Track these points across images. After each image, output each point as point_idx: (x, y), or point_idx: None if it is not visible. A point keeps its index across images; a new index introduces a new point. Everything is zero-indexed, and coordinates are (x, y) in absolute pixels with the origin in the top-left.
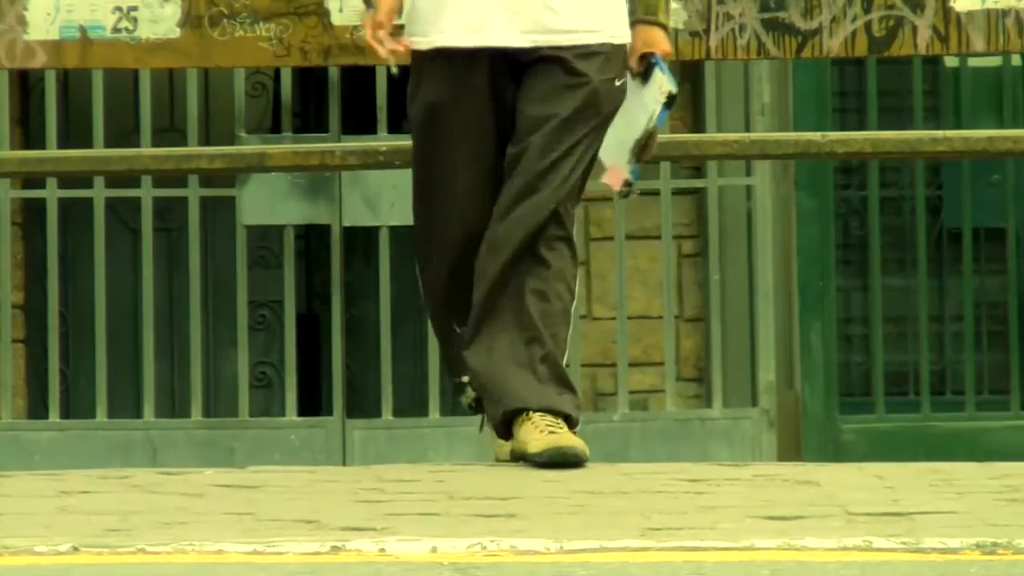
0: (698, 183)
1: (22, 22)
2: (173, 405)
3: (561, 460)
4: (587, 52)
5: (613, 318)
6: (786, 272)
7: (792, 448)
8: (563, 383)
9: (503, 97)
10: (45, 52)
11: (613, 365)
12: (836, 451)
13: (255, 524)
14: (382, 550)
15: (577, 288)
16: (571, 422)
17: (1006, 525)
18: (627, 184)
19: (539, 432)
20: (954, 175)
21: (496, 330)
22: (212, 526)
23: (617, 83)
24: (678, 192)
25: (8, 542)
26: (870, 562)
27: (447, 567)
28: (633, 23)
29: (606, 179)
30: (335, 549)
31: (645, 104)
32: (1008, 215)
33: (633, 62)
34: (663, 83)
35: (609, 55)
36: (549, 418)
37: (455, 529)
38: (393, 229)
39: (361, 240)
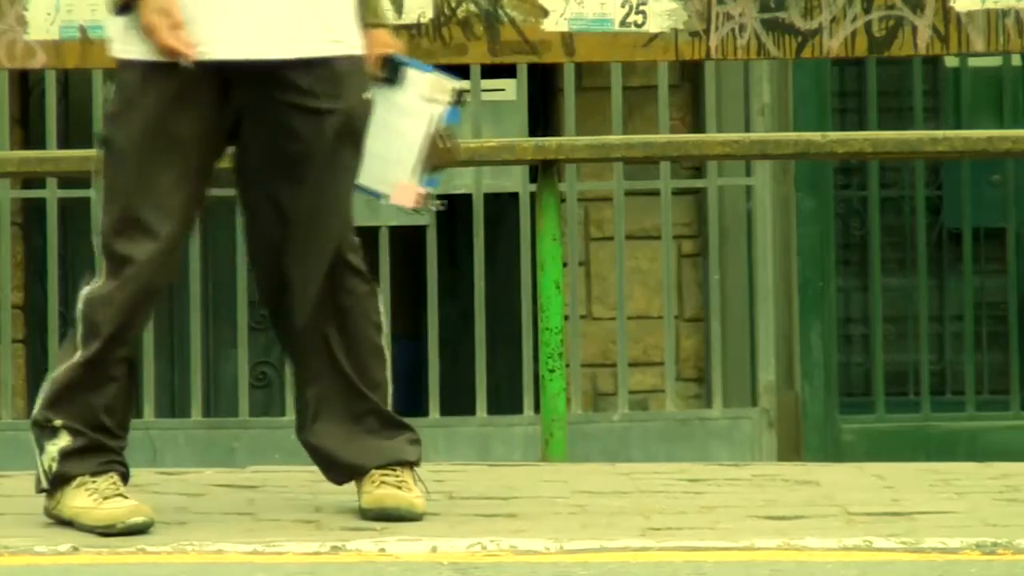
0: (698, 183)
1: (22, 22)
2: (173, 405)
3: (386, 518)
4: (335, 68)
5: (613, 318)
6: (786, 272)
7: (792, 448)
8: (393, 425)
9: (228, 111)
10: (45, 52)
11: (613, 365)
12: (836, 451)
13: (255, 524)
14: (382, 550)
15: (387, 322)
16: (412, 463)
17: (1006, 525)
18: (424, 198)
19: (373, 485)
20: (954, 175)
21: (321, 402)
22: (212, 526)
23: (365, 97)
24: (678, 192)
25: (8, 542)
26: (870, 562)
27: (447, 567)
28: (364, 27)
29: (395, 200)
30: (335, 549)
31: (411, 110)
32: (1008, 215)
33: (374, 68)
34: (439, 82)
35: (357, 69)
36: (387, 470)
37: (455, 529)
38: (393, 229)
39: None
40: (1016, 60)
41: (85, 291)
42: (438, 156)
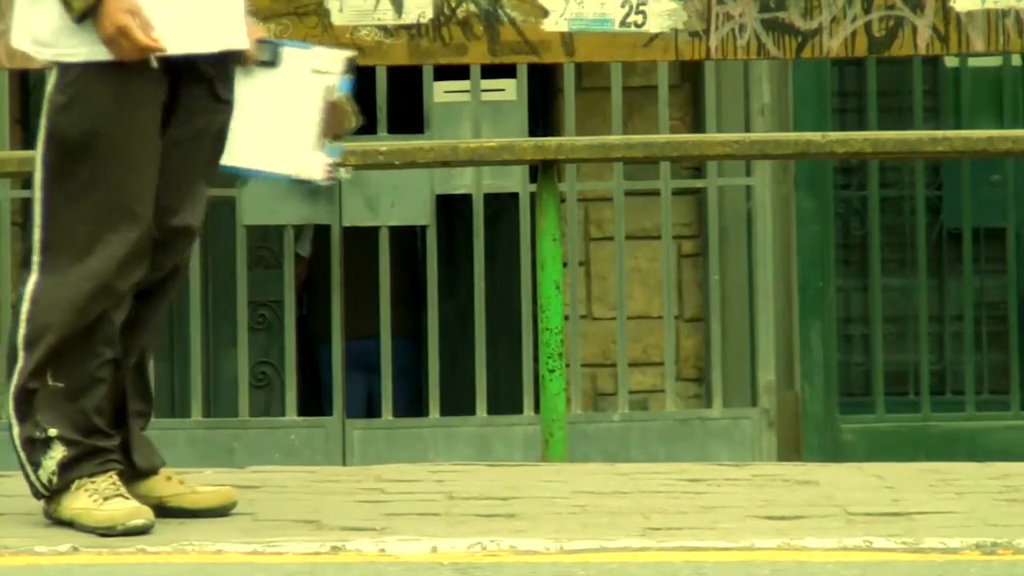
0: (698, 183)
1: None
2: (173, 405)
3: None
4: (236, 60)
5: (613, 318)
6: (786, 272)
7: (792, 448)
8: None
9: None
10: None
11: (613, 365)
12: (836, 451)
13: (255, 524)
14: (382, 550)
15: None
16: None
17: (1006, 525)
18: (331, 167)
19: (175, 482)
20: (954, 175)
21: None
22: (212, 526)
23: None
24: (678, 192)
25: (8, 542)
26: (870, 562)
27: (447, 567)
28: None
29: (302, 175)
30: (335, 549)
31: (300, 85)
32: (1008, 215)
33: (254, 53)
34: (328, 54)
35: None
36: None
37: (455, 529)
38: (393, 229)
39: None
40: (1016, 60)
41: (31, 290)
42: (338, 124)
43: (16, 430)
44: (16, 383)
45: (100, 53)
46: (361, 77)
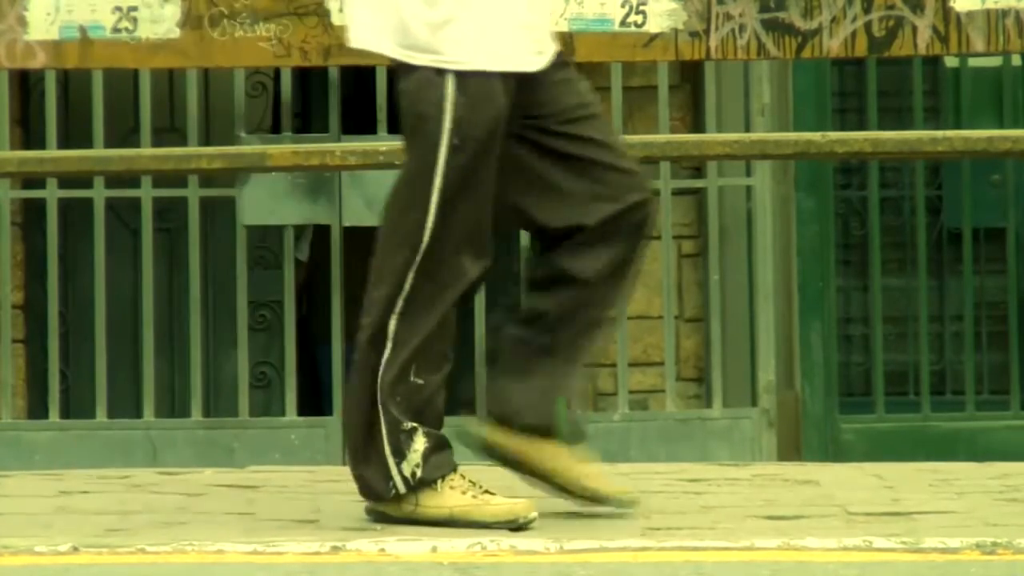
0: (698, 183)
1: (22, 22)
2: (173, 405)
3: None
4: None
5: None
6: (786, 272)
7: (792, 448)
8: None
9: None
10: (45, 52)
11: (613, 365)
12: (836, 451)
13: (255, 524)
14: (382, 550)
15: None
16: None
17: (1006, 525)
18: None
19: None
20: (954, 175)
21: None
22: (212, 526)
23: None
24: (678, 192)
25: (8, 542)
26: (870, 562)
27: (447, 567)
28: None
29: None
30: (335, 549)
31: None
32: (1008, 215)
33: None
34: None
35: None
36: None
37: (455, 529)
38: None
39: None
40: (1016, 60)
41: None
42: None
43: (382, 423)
44: (382, 376)
45: (491, 62)
46: (361, 77)
